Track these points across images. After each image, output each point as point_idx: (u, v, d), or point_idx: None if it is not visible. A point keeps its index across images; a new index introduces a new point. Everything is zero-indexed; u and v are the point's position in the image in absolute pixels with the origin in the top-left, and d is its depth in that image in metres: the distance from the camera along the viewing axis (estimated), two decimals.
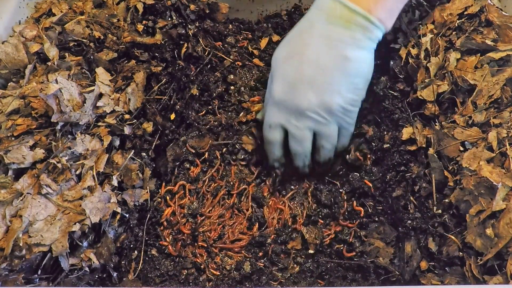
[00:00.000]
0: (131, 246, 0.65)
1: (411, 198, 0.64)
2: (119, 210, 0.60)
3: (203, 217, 0.69)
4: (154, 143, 0.70)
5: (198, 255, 0.66)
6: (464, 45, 0.65)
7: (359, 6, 0.61)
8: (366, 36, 0.62)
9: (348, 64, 0.62)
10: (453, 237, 0.55)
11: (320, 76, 0.63)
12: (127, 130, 0.65)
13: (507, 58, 0.61)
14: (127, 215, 0.64)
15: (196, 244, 0.67)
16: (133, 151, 0.66)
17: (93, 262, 0.56)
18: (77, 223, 0.55)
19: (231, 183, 0.73)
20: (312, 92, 0.63)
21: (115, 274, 0.61)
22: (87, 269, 0.56)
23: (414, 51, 0.71)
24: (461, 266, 0.54)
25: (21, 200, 0.53)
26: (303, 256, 0.67)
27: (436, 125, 0.64)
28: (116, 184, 0.62)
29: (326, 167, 0.72)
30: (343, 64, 0.62)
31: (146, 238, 0.67)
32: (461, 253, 0.54)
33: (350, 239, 0.67)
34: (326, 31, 0.63)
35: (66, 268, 0.54)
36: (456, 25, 0.68)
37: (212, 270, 0.65)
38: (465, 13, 0.68)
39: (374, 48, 0.65)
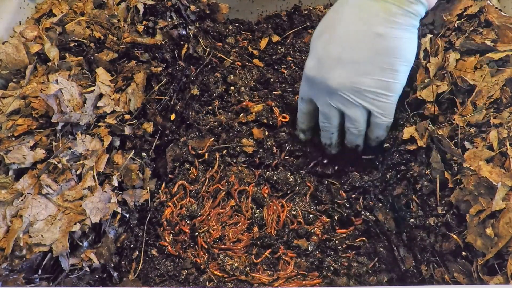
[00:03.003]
0: (131, 246, 0.65)
1: (413, 196, 0.64)
2: (119, 210, 0.60)
3: (203, 218, 0.69)
4: (154, 144, 0.70)
5: (198, 255, 0.66)
6: (463, 46, 0.65)
7: None
8: (402, 10, 0.56)
9: (379, 42, 0.57)
10: (455, 236, 0.55)
11: (347, 54, 0.59)
12: (127, 130, 0.65)
13: (506, 58, 0.61)
14: (127, 215, 0.64)
15: (196, 244, 0.67)
16: (133, 151, 0.66)
17: (94, 262, 0.56)
18: (77, 223, 0.55)
19: (231, 184, 0.73)
20: (339, 70, 0.60)
21: (115, 274, 0.61)
22: (87, 269, 0.56)
23: None
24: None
25: (22, 200, 0.54)
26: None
27: (436, 125, 0.64)
28: (116, 184, 0.62)
29: (354, 154, 0.70)
30: (374, 41, 0.57)
31: (146, 238, 0.67)
32: (464, 253, 0.54)
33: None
34: (358, 4, 0.58)
35: (67, 268, 0.54)
36: (456, 25, 0.68)
37: (212, 270, 0.65)
38: (465, 13, 0.69)
39: (416, 26, 0.59)
